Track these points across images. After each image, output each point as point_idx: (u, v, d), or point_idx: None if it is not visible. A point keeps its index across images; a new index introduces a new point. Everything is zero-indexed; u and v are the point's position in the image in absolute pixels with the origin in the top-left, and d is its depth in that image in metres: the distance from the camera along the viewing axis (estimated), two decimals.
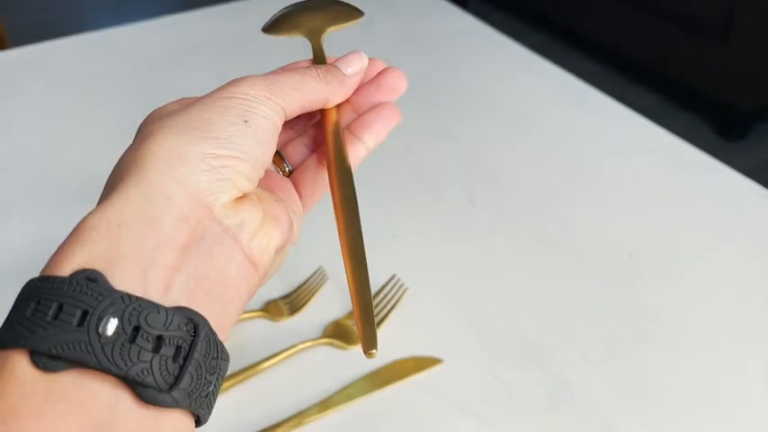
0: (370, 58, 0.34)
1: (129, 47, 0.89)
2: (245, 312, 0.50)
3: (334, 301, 0.52)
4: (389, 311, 0.50)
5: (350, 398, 0.45)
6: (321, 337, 0.49)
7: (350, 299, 0.29)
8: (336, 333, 0.49)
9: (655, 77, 2.16)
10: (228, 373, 0.46)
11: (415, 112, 0.77)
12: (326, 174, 0.32)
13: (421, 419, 0.45)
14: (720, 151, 1.93)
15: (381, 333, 0.49)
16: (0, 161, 0.68)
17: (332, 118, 0.33)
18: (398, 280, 0.52)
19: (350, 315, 0.50)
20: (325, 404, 0.44)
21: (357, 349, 0.48)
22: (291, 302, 0.52)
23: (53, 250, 0.48)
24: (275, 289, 0.53)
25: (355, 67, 0.33)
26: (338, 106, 0.33)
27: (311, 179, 0.33)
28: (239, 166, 0.27)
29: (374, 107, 0.34)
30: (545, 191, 0.65)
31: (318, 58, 0.35)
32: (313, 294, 0.52)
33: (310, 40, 0.36)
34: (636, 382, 0.46)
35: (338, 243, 0.31)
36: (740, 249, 0.58)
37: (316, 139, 0.35)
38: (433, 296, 0.53)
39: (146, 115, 0.31)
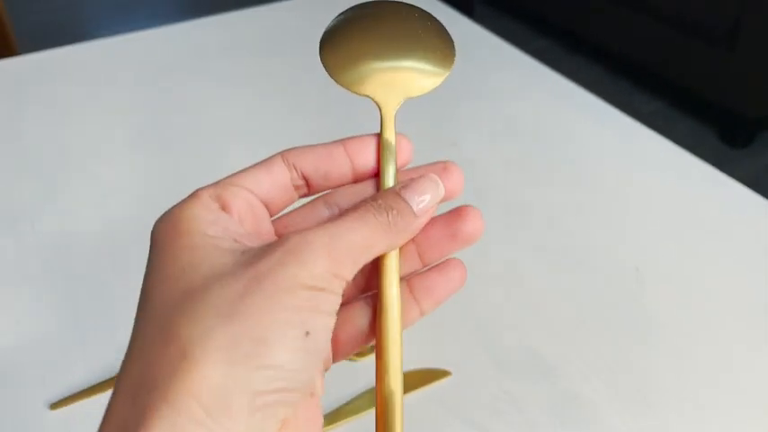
0: (445, 165, 0.29)
1: (143, 53, 0.90)
2: None
3: None
4: None
5: (359, 410, 0.45)
6: None
7: None
8: None
9: (660, 83, 2.16)
10: None
11: (420, 120, 0.77)
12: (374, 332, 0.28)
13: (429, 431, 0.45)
14: (725, 158, 1.94)
15: None
16: (13, 167, 0.69)
17: (390, 264, 0.28)
18: None
19: None
20: (334, 416, 0.45)
21: (366, 361, 0.49)
22: None
23: (63, 256, 0.47)
24: None
25: (428, 201, 0.28)
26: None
27: (354, 338, 0.29)
28: (289, 397, 0.23)
29: (441, 266, 0.30)
30: (551, 204, 0.65)
31: (387, 137, 0.29)
32: None
33: (381, 109, 0.29)
34: (644, 396, 0.47)
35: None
36: (746, 262, 0.58)
37: (369, 281, 0.29)
38: (442, 309, 0.53)
39: (158, 124, 0.29)
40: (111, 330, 0.51)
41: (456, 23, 0.97)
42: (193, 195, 0.26)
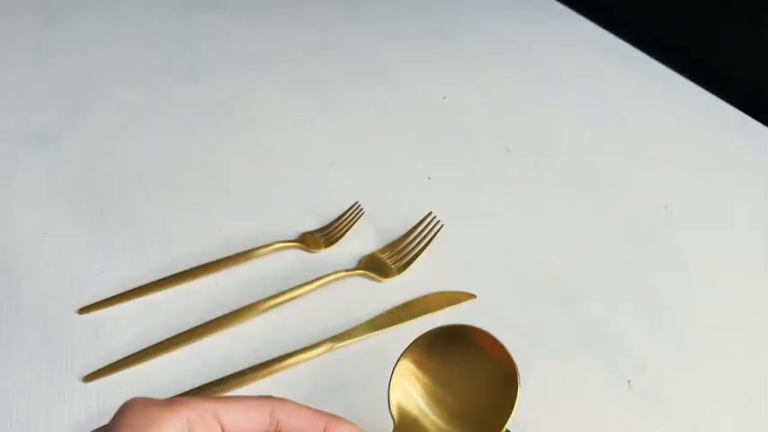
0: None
1: None
2: (282, 242, 0.51)
3: (369, 236, 0.52)
4: (424, 247, 0.50)
5: (382, 326, 0.45)
6: (356, 269, 0.49)
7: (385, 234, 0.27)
8: (370, 265, 0.50)
9: (683, 58, 2.13)
10: (265, 296, 0.46)
11: (451, 62, 0.77)
12: None
13: None
14: None
15: (416, 269, 0.50)
16: (42, 93, 0.69)
17: None
18: (434, 217, 0.52)
19: (384, 249, 0.51)
20: (357, 330, 0.45)
21: (391, 282, 0.49)
22: (327, 235, 0.52)
23: (90, 175, 0.45)
24: (311, 222, 0.53)
25: None
26: None
27: None
28: None
29: None
30: (581, 143, 0.64)
31: None
32: (349, 228, 0.52)
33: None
34: (671, 328, 0.47)
35: (376, 180, 0.29)
36: None
37: None
38: (467, 237, 0.53)
39: (186, 55, 0.27)
40: (136, 243, 0.51)
41: None
42: (174, 409, 0.26)
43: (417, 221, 0.52)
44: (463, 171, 0.60)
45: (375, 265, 0.50)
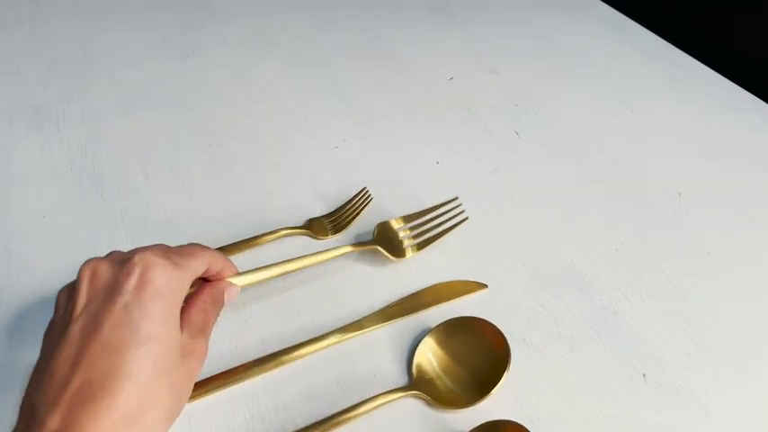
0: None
1: None
2: (288, 228, 0.49)
3: (377, 223, 0.51)
4: (441, 234, 0.49)
5: (392, 317, 0.44)
6: (366, 244, 0.48)
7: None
8: (383, 239, 0.48)
9: (698, 42, 2.10)
10: (268, 279, 0.45)
11: (459, 42, 0.75)
12: None
13: None
14: None
15: (425, 256, 0.49)
16: (38, 71, 0.67)
17: None
18: (459, 205, 0.51)
19: (400, 220, 0.50)
20: (367, 321, 0.44)
21: (401, 263, 0.48)
22: (335, 221, 0.51)
23: (89, 155, 0.44)
24: (318, 207, 0.52)
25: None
26: None
27: None
28: None
29: None
30: (593, 127, 0.63)
31: None
32: (357, 215, 0.51)
33: None
34: (683, 314, 0.46)
35: (383, 165, 0.29)
36: None
37: None
38: (478, 224, 0.52)
39: (186, 32, 0.29)
40: (139, 228, 0.50)
41: None
42: (186, 273, 0.34)
43: (433, 203, 0.51)
44: (472, 155, 0.59)
45: (388, 240, 0.48)
